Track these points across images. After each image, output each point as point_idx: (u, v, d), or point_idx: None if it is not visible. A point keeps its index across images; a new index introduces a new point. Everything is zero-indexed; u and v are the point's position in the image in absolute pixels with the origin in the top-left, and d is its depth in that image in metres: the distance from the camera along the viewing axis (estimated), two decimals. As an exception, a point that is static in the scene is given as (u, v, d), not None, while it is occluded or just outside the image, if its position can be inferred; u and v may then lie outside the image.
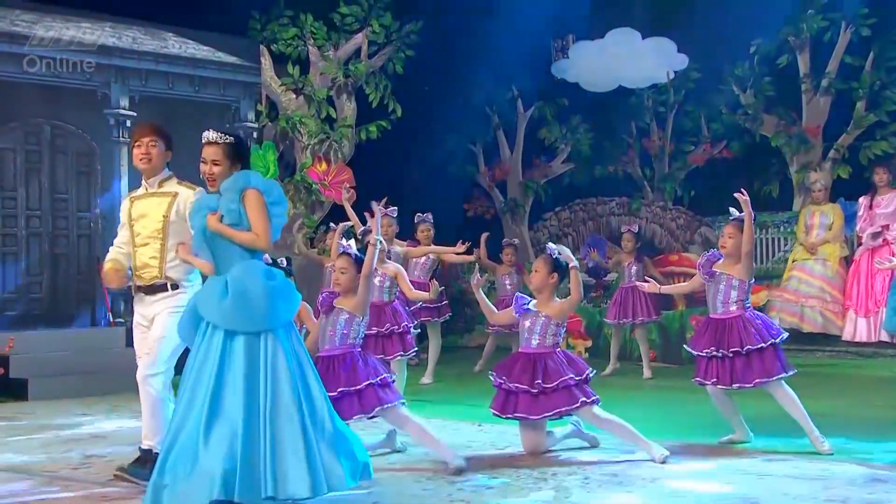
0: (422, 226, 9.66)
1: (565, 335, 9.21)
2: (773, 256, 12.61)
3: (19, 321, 10.85)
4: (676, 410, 7.76)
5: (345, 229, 8.25)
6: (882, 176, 10.74)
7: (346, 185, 11.73)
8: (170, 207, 5.44)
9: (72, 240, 11.62)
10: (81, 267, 11.59)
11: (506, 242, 11.20)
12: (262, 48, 12.69)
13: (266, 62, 12.69)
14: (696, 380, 6.27)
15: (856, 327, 10.76)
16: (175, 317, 5.14)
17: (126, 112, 11.53)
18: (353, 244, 6.08)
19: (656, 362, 10.51)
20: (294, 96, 12.72)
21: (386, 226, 8.23)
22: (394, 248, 8.59)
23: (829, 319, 11.13)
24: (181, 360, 5.03)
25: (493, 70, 14.01)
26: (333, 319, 5.81)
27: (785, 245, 12.46)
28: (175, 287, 5.40)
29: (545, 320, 6.00)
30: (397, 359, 7.84)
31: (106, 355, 9.57)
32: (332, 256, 7.71)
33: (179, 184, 5.55)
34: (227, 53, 12.52)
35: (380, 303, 7.88)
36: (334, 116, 12.86)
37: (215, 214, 4.67)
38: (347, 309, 5.80)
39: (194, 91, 12.25)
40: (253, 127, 12.59)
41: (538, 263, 6.15)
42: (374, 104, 12.96)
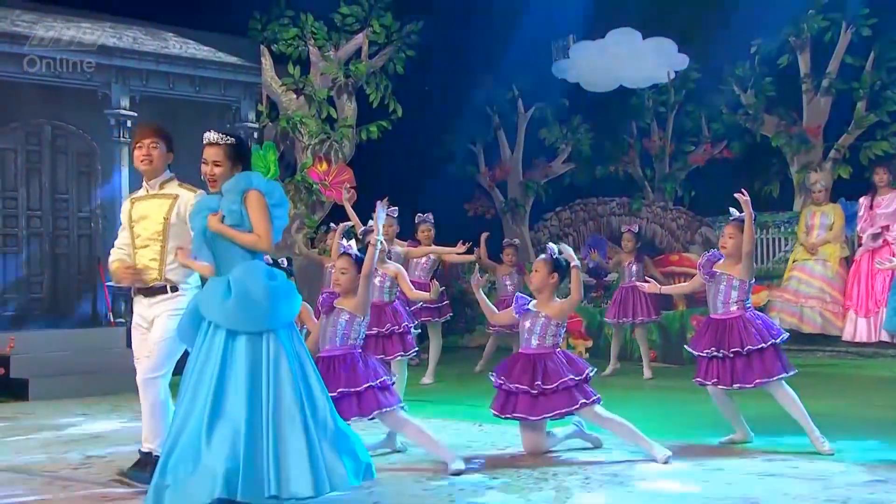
0: (422, 226, 9.66)
1: (566, 335, 9.23)
2: (774, 257, 12.60)
3: (20, 321, 10.86)
4: (677, 410, 7.76)
5: (345, 229, 8.25)
6: (882, 176, 10.73)
7: (347, 186, 11.72)
8: (170, 210, 5.41)
9: (72, 240, 11.63)
10: (82, 267, 11.61)
11: (506, 243, 11.20)
12: (263, 48, 12.70)
13: (267, 62, 12.69)
14: (697, 380, 6.27)
15: (856, 327, 10.75)
16: (175, 319, 5.13)
17: (127, 112, 11.53)
18: (354, 244, 6.07)
19: (657, 362, 10.52)
20: (295, 96, 12.72)
21: (386, 226, 8.21)
22: (394, 249, 8.58)
23: (829, 320, 11.13)
24: (181, 362, 5.03)
25: (494, 70, 14.02)
26: (334, 320, 5.81)
27: (785, 245, 12.45)
28: (175, 289, 5.38)
29: (545, 321, 6.00)
30: (398, 359, 7.83)
31: (106, 355, 9.57)
32: (333, 257, 7.71)
33: (180, 186, 5.53)
34: (228, 54, 12.52)
35: (380, 303, 7.87)
36: (335, 116, 12.86)
37: (216, 215, 4.66)
38: (348, 309, 5.79)
39: (195, 91, 12.25)
40: (253, 127, 12.59)
41: (538, 263, 6.14)
42: (375, 104, 12.97)
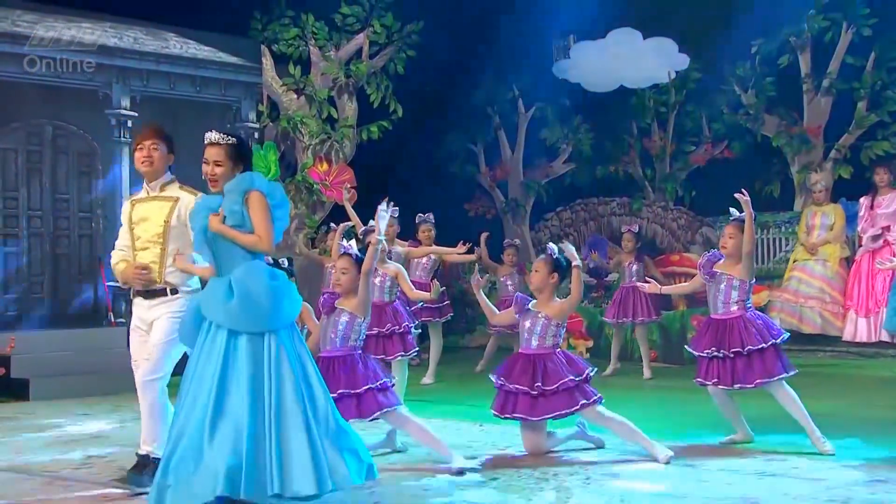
0: (423, 226, 9.65)
1: (566, 335, 9.24)
2: (775, 257, 12.60)
3: (20, 321, 10.86)
4: (678, 411, 7.76)
5: (346, 230, 8.25)
6: (883, 176, 10.73)
7: (348, 186, 11.72)
8: (171, 212, 5.39)
9: (73, 240, 11.64)
10: (83, 267, 11.61)
11: (507, 243, 11.19)
12: (264, 48, 12.70)
13: (267, 62, 12.69)
14: (698, 380, 6.26)
15: (856, 327, 10.75)
16: (174, 322, 5.13)
17: (127, 112, 11.53)
18: (354, 244, 6.06)
19: (657, 362, 10.52)
20: (295, 96, 12.72)
21: (387, 226, 8.21)
22: (395, 249, 8.58)
23: (828, 320, 11.12)
24: (181, 362, 5.03)
25: (495, 70, 14.04)
26: (335, 320, 5.81)
27: (786, 245, 12.45)
28: (174, 292, 5.36)
29: (545, 321, 5.99)
30: (398, 359, 7.83)
31: (107, 355, 9.55)
32: (333, 257, 7.70)
33: (181, 188, 5.49)
34: (229, 54, 12.52)
35: (381, 303, 7.87)
36: (335, 117, 12.86)
37: (217, 215, 4.65)
38: (349, 309, 5.78)
39: (195, 91, 12.25)
40: (254, 127, 12.59)
41: (538, 263, 6.13)
42: (376, 104, 12.96)
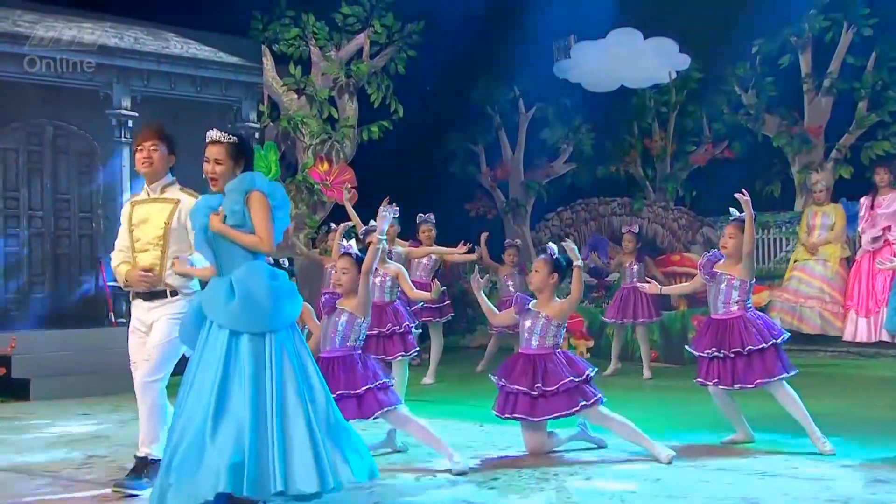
0: (424, 226, 9.64)
1: (567, 335, 9.23)
2: (775, 257, 12.59)
3: (21, 321, 10.86)
4: (678, 411, 7.75)
5: (346, 230, 8.24)
6: (883, 176, 10.72)
7: (348, 186, 11.72)
8: (171, 215, 5.35)
9: (74, 240, 11.64)
10: (83, 267, 11.61)
11: (508, 243, 11.18)
12: (264, 48, 12.70)
13: (268, 62, 12.70)
14: (698, 380, 6.26)
15: (857, 327, 10.75)
16: (174, 323, 5.11)
17: (128, 112, 11.54)
18: (354, 244, 6.06)
19: (658, 362, 10.52)
20: (296, 96, 12.73)
21: (388, 226, 8.22)
22: (395, 249, 8.58)
23: (828, 320, 11.12)
24: (181, 363, 5.03)
25: (495, 70, 14.04)
26: (335, 320, 5.80)
27: (787, 245, 12.44)
28: (174, 294, 5.34)
29: (545, 321, 5.99)
30: (399, 359, 7.83)
31: (107, 355, 9.53)
32: (334, 257, 7.70)
33: (182, 190, 5.44)
34: (229, 54, 12.53)
35: (381, 303, 7.87)
36: (336, 117, 12.87)
37: (218, 215, 4.64)
38: (349, 309, 5.78)
39: (196, 91, 12.26)
40: (255, 127, 12.59)
41: (538, 263, 6.12)
42: (376, 104, 12.97)
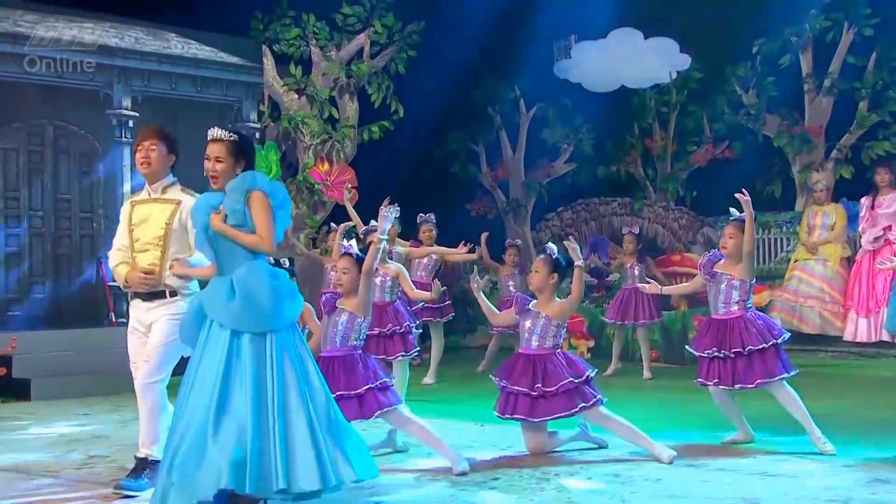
0: (424, 226, 9.64)
1: (567, 335, 9.23)
2: (776, 257, 12.59)
3: (22, 321, 10.87)
4: (678, 411, 7.75)
5: (346, 230, 8.23)
6: (884, 176, 10.73)
7: (349, 186, 11.72)
8: (172, 215, 5.32)
9: (74, 240, 11.64)
10: (84, 267, 11.61)
11: (509, 243, 11.18)
12: (265, 48, 12.71)
13: (268, 62, 12.70)
14: (699, 380, 6.26)
15: (857, 327, 10.75)
16: (173, 324, 5.10)
17: (128, 112, 11.54)
18: (355, 244, 6.06)
19: (658, 362, 10.51)
20: (296, 96, 12.73)
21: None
22: (396, 249, 8.58)
23: (828, 320, 11.12)
24: (181, 363, 5.03)
25: (496, 70, 14.04)
26: (335, 320, 5.80)
27: (787, 245, 12.44)
28: (173, 294, 5.32)
29: (545, 321, 5.98)
30: (399, 359, 7.82)
31: (108, 355, 9.52)
32: (334, 257, 7.70)
33: (183, 191, 5.40)
34: (230, 54, 12.53)
35: (381, 303, 7.87)
36: (336, 117, 12.88)
37: (219, 214, 4.64)
38: (349, 309, 5.78)
39: (197, 91, 12.26)
40: (255, 127, 12.60)
41: (538, 263, 6.12)
42: (377, 104, 12.98)
